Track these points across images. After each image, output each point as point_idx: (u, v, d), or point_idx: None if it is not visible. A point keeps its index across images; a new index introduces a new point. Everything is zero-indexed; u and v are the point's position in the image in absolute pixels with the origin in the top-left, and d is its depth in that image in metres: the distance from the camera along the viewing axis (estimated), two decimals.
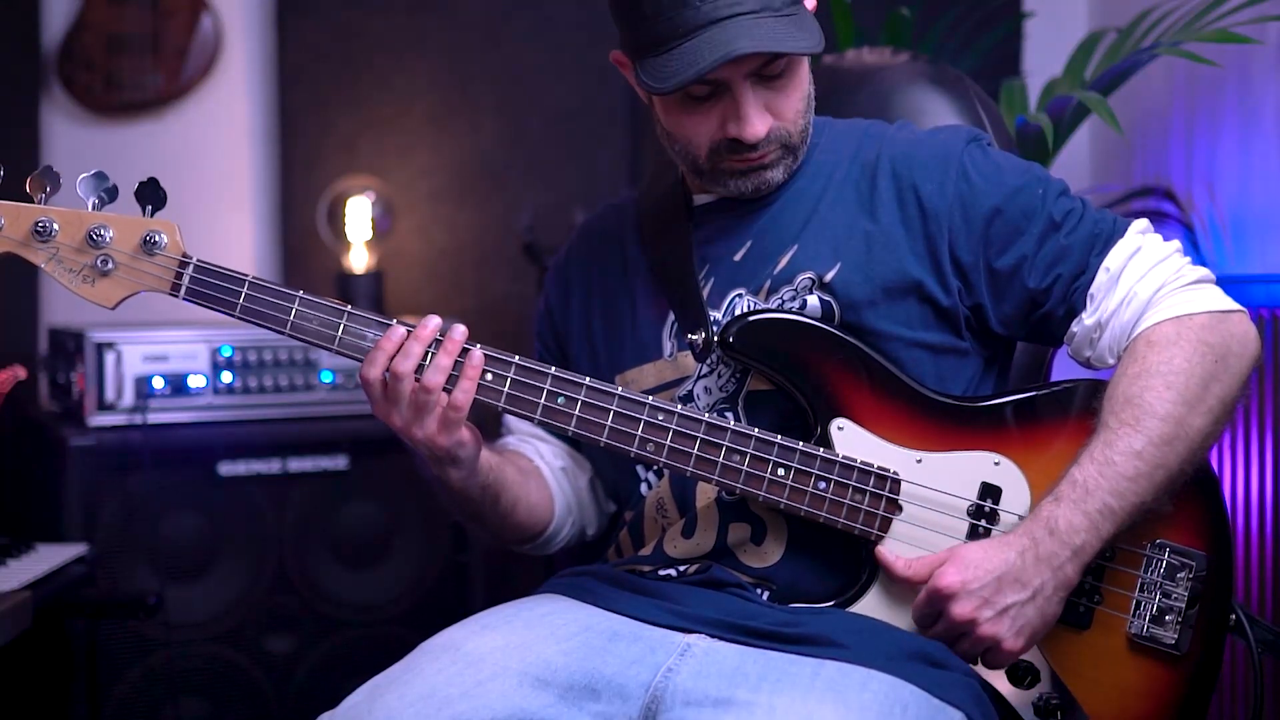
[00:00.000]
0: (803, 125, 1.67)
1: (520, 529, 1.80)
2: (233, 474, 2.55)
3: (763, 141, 1.62)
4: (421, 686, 1.49)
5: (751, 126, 1.60)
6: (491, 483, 1.70)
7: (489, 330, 3.13)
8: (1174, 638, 1.58)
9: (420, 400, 1.56)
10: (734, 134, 1.61)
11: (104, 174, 1.56)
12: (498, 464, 1.72)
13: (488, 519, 1.76)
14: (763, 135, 1.61)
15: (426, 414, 1.56)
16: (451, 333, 1.57)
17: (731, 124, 1.61)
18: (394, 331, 1.56)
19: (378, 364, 1.56)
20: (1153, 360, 1.58)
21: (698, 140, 1.64)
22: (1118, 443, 1.53)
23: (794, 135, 1.66)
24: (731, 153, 1.64)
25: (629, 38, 1.63)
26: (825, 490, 1.59)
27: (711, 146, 1.64)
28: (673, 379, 1.71)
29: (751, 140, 1.61)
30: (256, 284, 1.57)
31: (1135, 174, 3.00)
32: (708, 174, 1.67)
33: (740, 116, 1.60)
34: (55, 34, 3.08)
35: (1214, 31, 2.39)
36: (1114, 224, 1.66)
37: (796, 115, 1.65)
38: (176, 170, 3.15)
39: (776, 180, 1.68)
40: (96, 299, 1.56)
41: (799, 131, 1.66)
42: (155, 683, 2.47)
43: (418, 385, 1.55)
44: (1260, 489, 2.31)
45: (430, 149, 3.22)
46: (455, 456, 1.61)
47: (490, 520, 1.76)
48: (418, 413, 1.57)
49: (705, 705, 1.45)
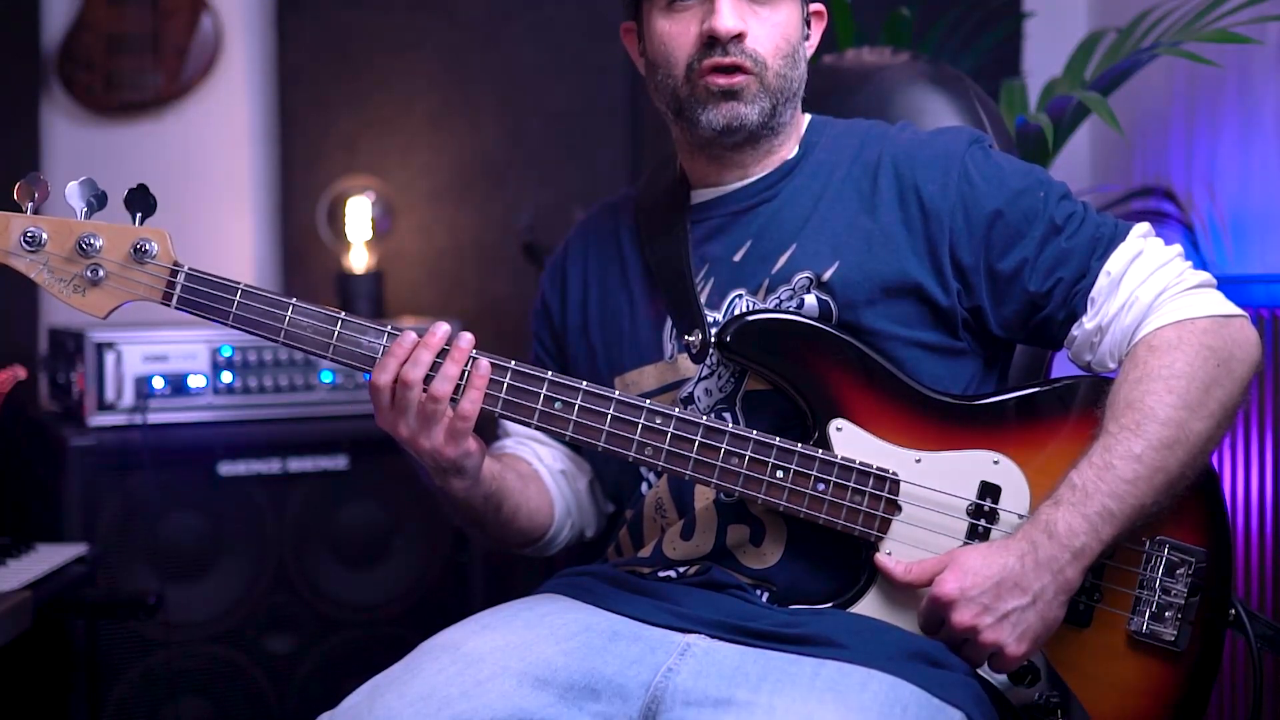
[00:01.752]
0: (780, 69, 1.67)
1: (521, 534, 1.81)
2: (233, 474, 2.55)
3: (735, 48, 1.63)
4: (421, 686, 1.49)
5: (722, 18, 1.62)
6: (494, 491, 1.71)
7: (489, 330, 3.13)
8: (1174, 634, 1.58)
9: (428, 410, 1.55)
10: (708, 28, 1.63)
11: (93, 181, 1.54)
12: (499, 472, 1.72)
13: (489, 526, 1.76)
14: (733, 32, 1.62)
15: (434, 424, 1.56)
16: (459, 341, 1.56)
17: (708, 20, 1.63)
18: (405, 338, 1.56)
19: (389, 370, 1.55)
20: (1154, 365, 1.57)
21: (678, 56, 1.66)
22: (1117, 446, 1.53)
23: (769, 70, 1.66)
24: (705, 60, 1.64)
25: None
26: (824, 491, 1.59)
27: (689, 63, 1.65)
28: (673, 381, 1.71)
29: (723, 33, 1.62)
30: (249, 292, 1.56)
31: (1135, 174, 3.00)
32: (686, 102, 1.67)
33: (716, 9, 1.63)
34: (55, 34, 3.08)
35: (1214, 31, 2.39)
36: (1115, 228, 1.66)
37: (775, 50, 1.66)
38: (176, 170, 3.15)
39: (750, 119, 1.66)
40: (87, 309, 1.55)
41: (776, 72, 1.66)
42: (155, 683, 2.47)
43: (426, 395, 1.55)
44: (1260, 488, 2.31)
45: (430, 149, 3.22)
46: (461, 467, 1.61)
47: (491, 527, 1.76)
48: (425, 423, 1.56)
49: (705, 705, 1.45)
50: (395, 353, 1.55)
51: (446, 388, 1.55)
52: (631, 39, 1.77)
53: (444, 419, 1.56)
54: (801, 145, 1.75)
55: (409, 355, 1.55)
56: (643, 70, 1.76)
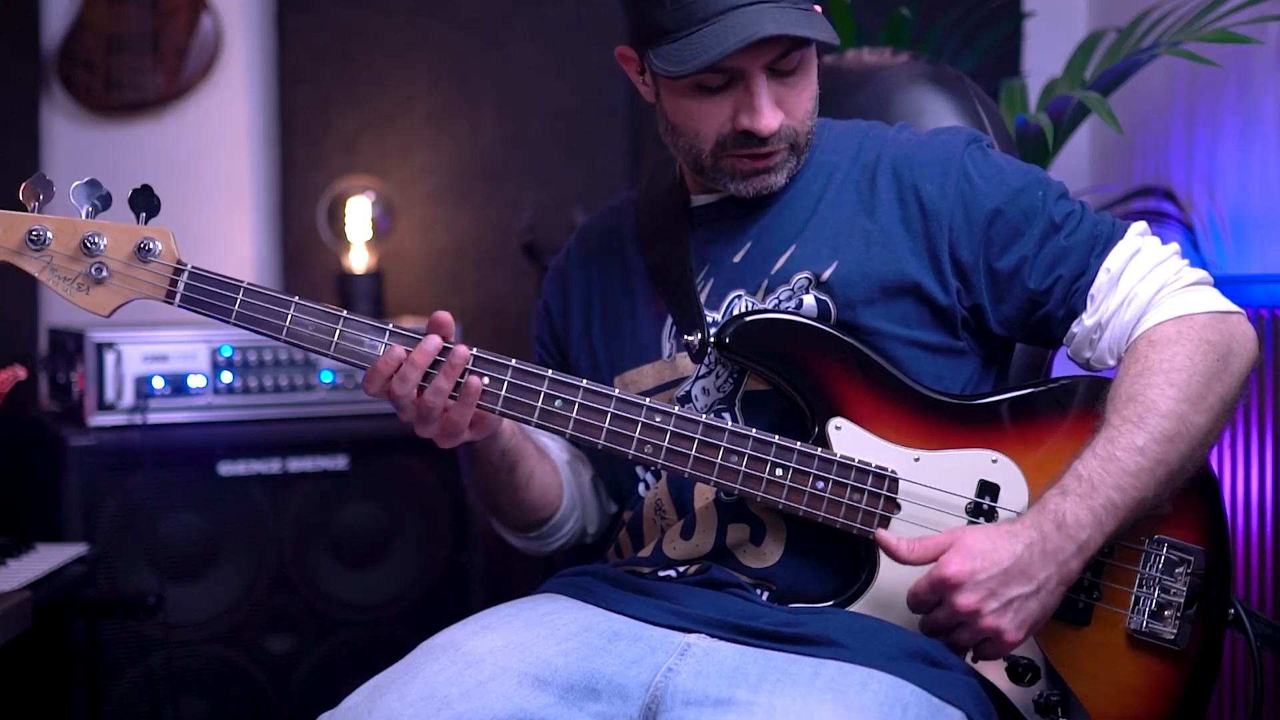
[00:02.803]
0: (810, 126, 1.67)
1: (531, 507, 1.79)
2: (233, 474, 2.55)
3: (773, 138, 1.62)
4: (421, 686, 1.49)
5: (765, 118, 1.59)
6: (511, 449, 1.71)
7: (489, 330, 3.14)
8: (1173, 633, 1.58)
9: (422, 414, 1.57)
10: (746, 125, 1.60)
11: (97, 181, 1.55)
12: (519, 433, 1.73)
13: (502, 489, 1.75)
14: (775, 129, 1.61)
15: (430, 423, 1.58)
16: (452, 357, 1.56)
17: (744, 115, 1.60)
18: (391, 354, 1.55)
19: (375, 383, 1.57)
20: (1155, 359, 1.58)
21: (705, 133, 1.64)
22: (1120, 439, 1.53)
23: (801, 136, 1.66)
24: (739, 147, 1.63)
25: (642, 26, 1.62)
26: (823, 490, 1.59)
27: (719, 140, 1.63)
28: (671, 380, 1.71)
29: (764, 133, 1.60)
30: (252, 290, 1.57)
31: (1135, 174, 3.00)
32: (710, 171, 1.67)
33: (755, 108, 1.59)
34: (55, 34, 3.08)
35: (1214, 31, 2.39)
36: (1114, 226, 1.67)
37: (806, 115, 1.65)
38: (176, 170, 3.16)
39: (778, 184, 1.67)
40: (91, 307, 1.56)
41: (806, 133, 1.66)
42: (155, 683, 2.47)
43: (419, 401, 1.56)
44: (1260, 488, 2.31)
45: (430, 149, 3.22)
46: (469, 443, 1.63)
47: (504, 491, 1.76)
48: (421, 420, 1.58)
49: (705, 705, 1.44)
50: (380, 369, 1.56)
51: (437, 401, 1.56)
52: (630, 66, 1.72)
53: (436, 424, 1.58)
54: None
55: (395, 371, 1.56)
56: (648, 98, 1.71)
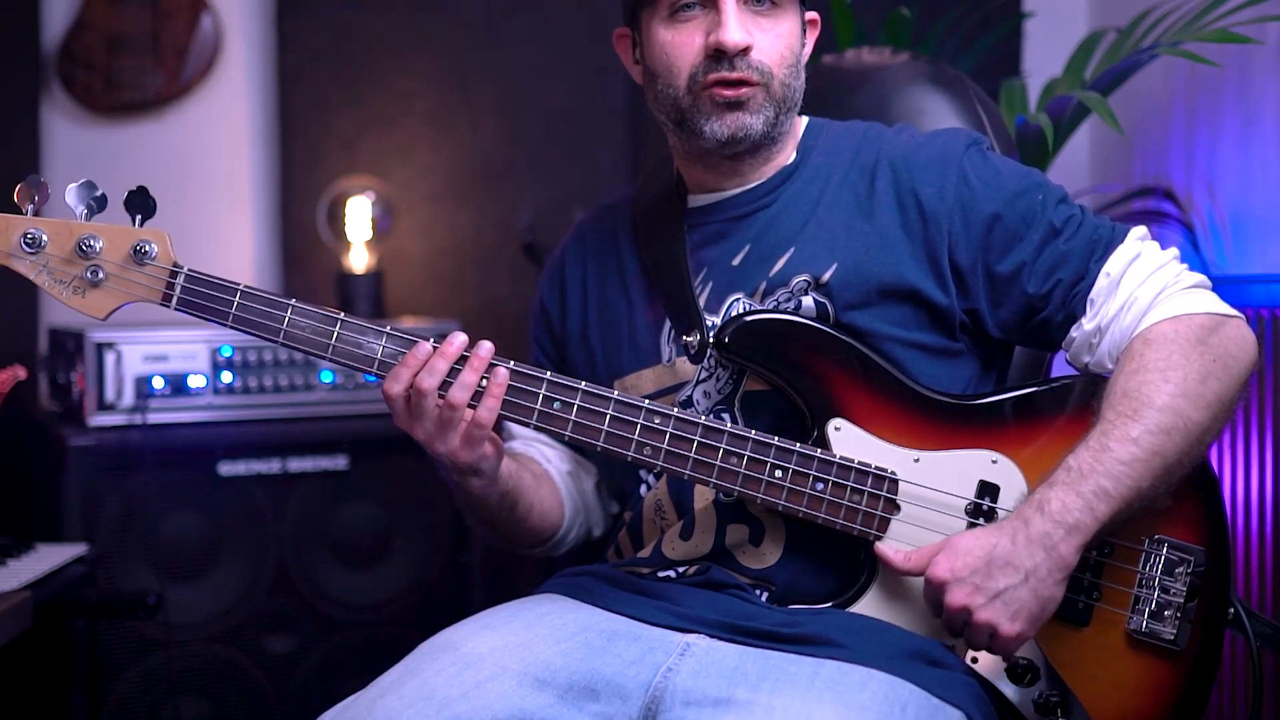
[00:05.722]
0: (785, 79, 1.66)
1: (533, 534, 1.81)
2: (233, 474, 2.55)
3: (742, 62, 1.62)
4: (421, 687, 1.49)
5: (730, 31, 1.61)
6: (510, 490, 1.71)
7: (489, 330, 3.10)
8: (1173, 633, 1.58)
9: (445, 417, 1.56)
10: (715, 41, 1.62)
11: (93, 183, 1.55)
12: (515, 471, 1.73)
13: (502, 525, 1.76)
14: (741, 45, 1.61)
15: (450, 430, 1.57)
16: (478, 349, 1.57)
17: (713, 33, 1.62)
18: (419, 348, 1.56)
19: (401, 380, 1.55)
20: (1150, 357, 1.58)
21: (680, 66, 1.65)
22: (1114, 431, 1.53)
23: (775, 80, 1.65)
24: (711, 71, 1.63)
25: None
26: (823, 491, 1.59)
27: (692, 73, 1.64)
28: (672, 384, 1.71)
29: (731, 47, 1.61)
30: (249, 293, 1.57)
31: (1135, 174, 3.00)
32: (689, 113, 1.66)
33: (721, 23, 1.61)
34: (55, 34, 3.08)
35: (1214, 31, 2.39)
36: (1113, 230, 1.67)
37: (780, 60, 1.65)
38: (176, 170, 3.15)
39: (755, 129, 1.66)
40: (87, 310, 1.55)
41: (781, 82, 1.66)
42: (155, 683, 2.47)
43: (443, 402, 1.55)
44: (1260, 488, 2.31)
45: (430, 149, 3.22)
46: (478, 469, 1.61)
47: (504, 526, 1.77)
48: (441, 428, 1.57)
49: (705, 705, 1.45)
50: (409, 363, 1.55)
51: (464, 395, 1.55)
52: (625, 46, 1.75)
53: (461, 425, 1.57)
54: (799, 149, 1.75)
55: (423, 365, 1.55)
56: (637, 78, 1.75)
